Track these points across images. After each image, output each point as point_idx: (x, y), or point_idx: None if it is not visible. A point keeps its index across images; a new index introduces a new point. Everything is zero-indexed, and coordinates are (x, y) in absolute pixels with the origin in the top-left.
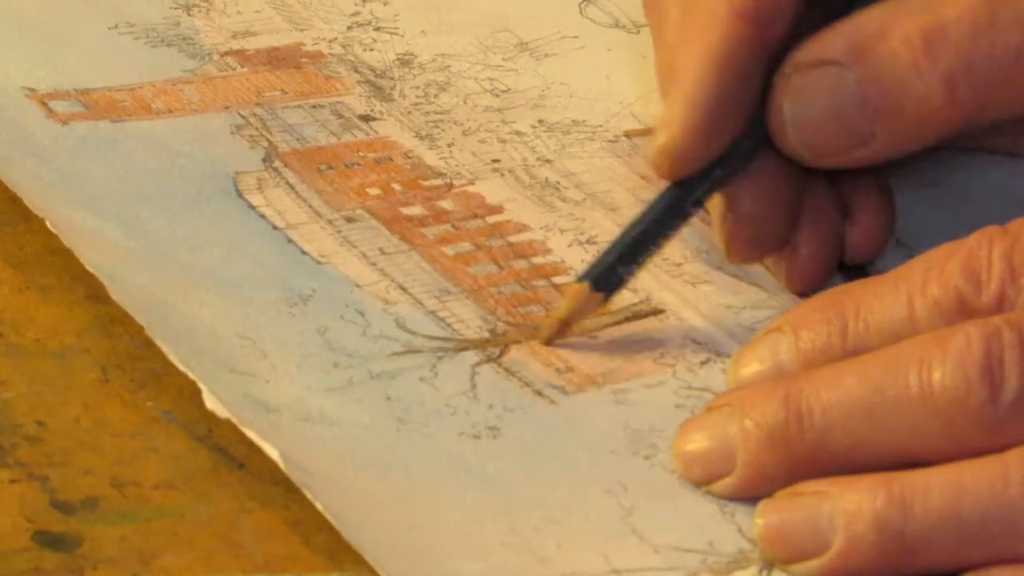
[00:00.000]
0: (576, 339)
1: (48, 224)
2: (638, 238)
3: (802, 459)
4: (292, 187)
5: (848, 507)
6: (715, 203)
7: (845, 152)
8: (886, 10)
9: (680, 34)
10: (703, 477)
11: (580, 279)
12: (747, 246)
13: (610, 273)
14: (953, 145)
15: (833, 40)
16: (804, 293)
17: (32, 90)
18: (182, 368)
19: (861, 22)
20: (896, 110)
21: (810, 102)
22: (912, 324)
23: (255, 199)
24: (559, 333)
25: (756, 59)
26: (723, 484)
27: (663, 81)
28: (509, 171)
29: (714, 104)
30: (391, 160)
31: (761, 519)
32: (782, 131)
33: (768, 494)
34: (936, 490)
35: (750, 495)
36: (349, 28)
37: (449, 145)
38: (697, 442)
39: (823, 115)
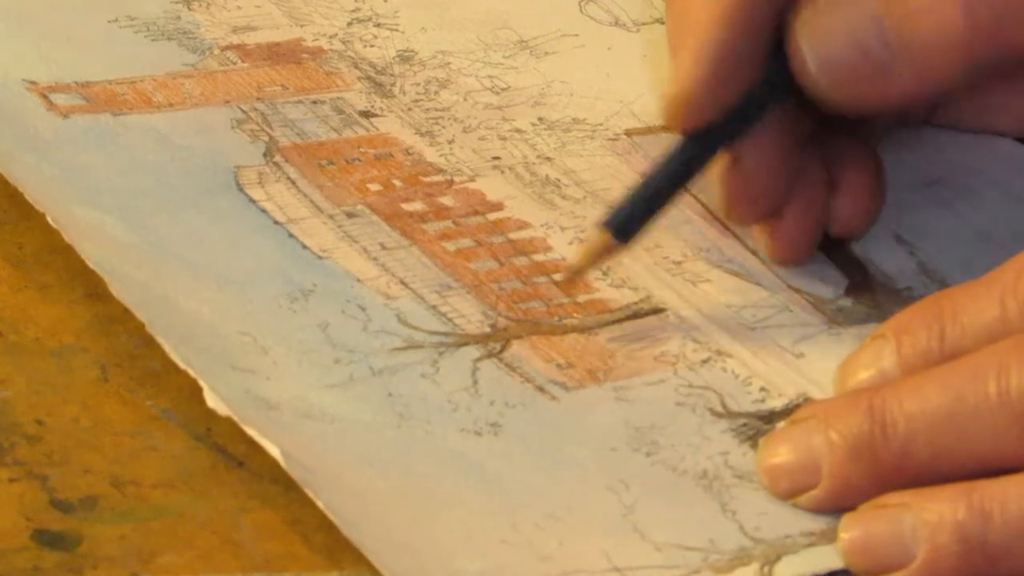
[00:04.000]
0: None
1: (49, 219)
2: (655, 189)
3: (887, 470)
4: (293, 182)
5: (930, 518)
6: (719, 161)
7: (871, 89)
8: None
9: None
10: (789, 490)
11: (600, 225)
12: (748, 204)
13: (629, 221)
14: (960, 125)
15: None
16: (786, 264)
17: (33, 83)
18: (182, 365)
19: None
20: (916, 38)
21: (830, 38)
22: (1004, 324)
23: (256, 193)
24: (577, 275)
25: (766, 9)
26: (809, 497)
27: (674, 36)
28: (509, 168)
29: (724, 54)
30: (392, 156)
31: (846, 533)
32: (805, 71)
33: (853, 506)
34: (1014, 498)
35: (836, 507)
36: (349, 24)
37: (449, 142)
38: (782, 455)
39: (844, 49)
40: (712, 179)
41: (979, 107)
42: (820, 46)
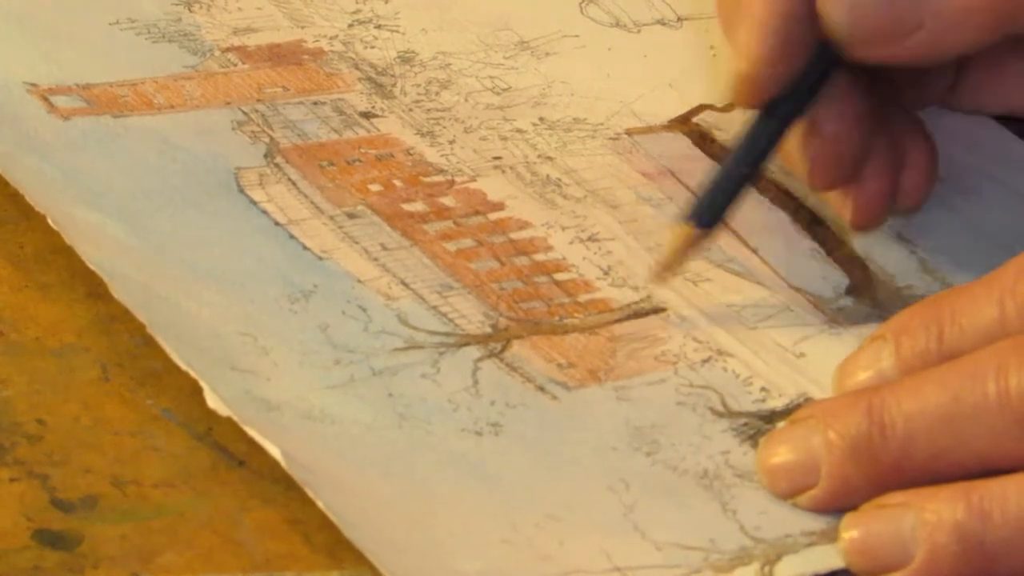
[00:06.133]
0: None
1: (49, 221)
2: (734, 170)
3: (886, 470)
4: (293, 183)
5: (929, 518)
6: (795, 131)
7: (893, 41)
8: None
9: None
10: (788, 490)
11: (683, 219)
12: (830, 168)
13: (712, 207)
14: (980, 106)
15: None
16: (865, 229)
17: (34, 85)
18: (183, 366)
19: None
20: None
21: None
22: (1003, 325)
23: (256, 195)
24: (666, 272)
25: None
26: (808, 496)
27: (728, 14)
28: (510, 168)
29: (786, 23)
30: (392, 157)
31: (847, 533)
32: (831, 17)
33: (853, 506)
34: (1013, 497)
35: (835, 507)
36: (350, 25)
37: (450, 142)
38: (782, 455)
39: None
40: (792, 148)
41: (998, 85)
42: None
